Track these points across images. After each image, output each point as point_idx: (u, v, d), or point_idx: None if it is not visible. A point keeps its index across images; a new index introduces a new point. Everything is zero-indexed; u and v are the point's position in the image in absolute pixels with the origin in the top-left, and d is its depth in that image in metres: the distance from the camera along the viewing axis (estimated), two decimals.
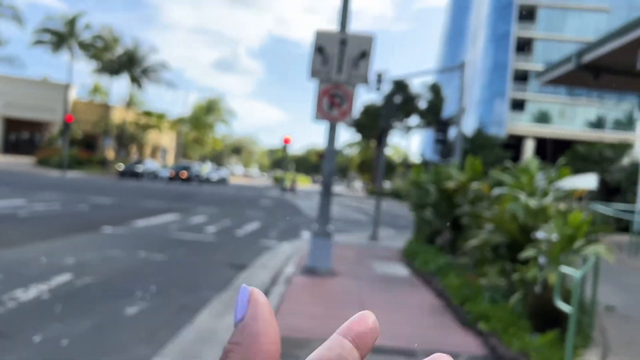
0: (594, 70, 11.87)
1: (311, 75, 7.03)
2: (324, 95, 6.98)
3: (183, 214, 15.09)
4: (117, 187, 26.41)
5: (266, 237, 11.98)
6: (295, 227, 15.07)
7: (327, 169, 7.05)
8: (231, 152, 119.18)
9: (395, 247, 11.41)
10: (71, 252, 7.21)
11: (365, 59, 6.91)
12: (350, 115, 7.02)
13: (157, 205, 17.54)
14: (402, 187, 9.69)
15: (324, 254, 6.77)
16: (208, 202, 21.17)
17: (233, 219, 15.20)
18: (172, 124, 62.91)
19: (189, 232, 11.09)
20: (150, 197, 21.18)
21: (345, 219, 20.35)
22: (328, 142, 7.09)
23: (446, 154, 16.84)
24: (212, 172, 50.49)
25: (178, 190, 28.05)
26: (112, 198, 18.39)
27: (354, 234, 15.22)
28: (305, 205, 25.88)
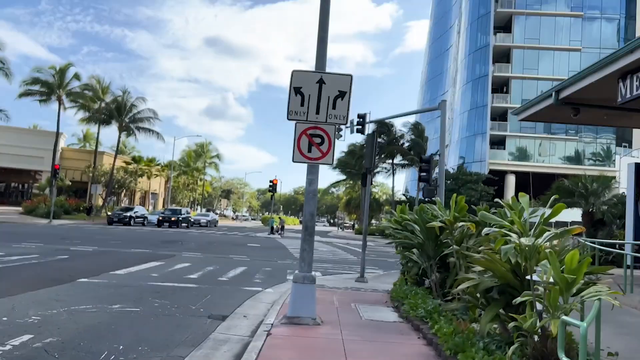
0: (573, 105, 12.00)
1: (288, 117, 6.89)
2: (303, 136, 6.82)
3: (167, 261, 14.60)
4: (103, 234, 25.73)
5: (251, 282, 11.55)
6: (282, 270, 14.64)
7: (308, 211, 6.80)
8: (221, 196, 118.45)
9: (382, 288, 11.06)
10: (36, 308, 6.75)
11: (344, 99, 6.81)
12: (330, 156, 6.84)
13: (142, 252, 17.01)
14: (386, 227, 9.27)
15: (306, 301, 6.42)
16: (194, 247, 20.64)
17: (218, 264, 14.74)
18: (162, 170, 62.56)
19: (170, 280, 10.63)
20: (136, 243, 20.61)
21: (332, 260, 19.93)
22: (308, 183, 6.87)
23: (430, 192, 16.73)
24: (200, 216, 49.93)
25: (165, 236, 27.43)
26: (96, 246, 17.81)
27: (341, 275, 14.84)
28: (293, 247, 25.41)
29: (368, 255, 23.73)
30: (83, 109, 44.99)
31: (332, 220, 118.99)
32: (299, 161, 6.80)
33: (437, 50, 76.93)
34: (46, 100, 42.83)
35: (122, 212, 39.30)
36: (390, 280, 13.04)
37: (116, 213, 38.96)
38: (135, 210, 40.80)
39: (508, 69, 54.84)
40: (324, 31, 6.99)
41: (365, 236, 14.35)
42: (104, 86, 47.23)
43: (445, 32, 74.34)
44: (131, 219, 38.29)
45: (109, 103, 46.04)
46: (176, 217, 39.78)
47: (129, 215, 38.51)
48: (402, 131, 50.46)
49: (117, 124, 45.94)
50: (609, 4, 53.92)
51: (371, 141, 14.12)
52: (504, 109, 54.69)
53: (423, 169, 17.24)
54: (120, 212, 39.06)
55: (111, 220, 37.56)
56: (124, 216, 38.07)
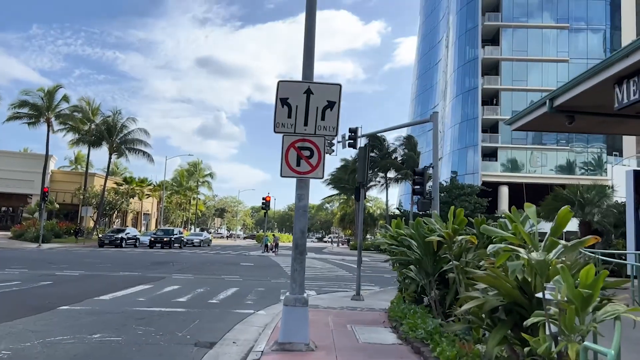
0: (567, 113, 11.79)
1: (275, 130, 6.57)
2: (291, 150, 6.49)
3: (155, 284, 14.09)
4: (92, 257, 25.11)
5: (242, 304, 11.09)
6: (275, 290, 14.17)
7: (298, 228, 6.43)
8: (215, 215, 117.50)
9: (379, 306, 10.65)
10: (9, 341, 6.28)
11: (333, 109, 6.50)
12: (321, 170, 6.50)
13: (131, 275, 16.49)
14: (382, 243, 8.80)
15: (298, 325, 6.02)
16: (185, 268, 20.10)
17: (209, 286, 14.25)
18: (154, 190, 61.89)
19: (157, 304, 10.16)
20: (126, 266, 20.06)
21: (327, 277, 19.48)
22: (298, 198, 6.52)
23: (425, 205, 16.42)
24: (193, 236, 49.32)
25: (157, 257, 26.84)
26: (83, 270, 17.27)
27: (336, 294, 14.39)
28: (287, 265, 24.92)
29: (364, 272, 23.23)
30: (72, 131, 44.52)
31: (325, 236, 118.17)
32: (288, 176, 6.46)
33: (426, 65, 77.49)
34: (35, 122, 42.35)
35: (113, 234, 38.62)
36: (387, 297, 12.63)
37: (107, 235, 38.28)
38: (126, 231, 40.13)
39: (497, 81, 55.18)
40: (310, 40, 6.72)
41: (360, 252, 13.96)
42: (94, 107, 46.94)
43: (433, 46, 74.97)
44: (122, 240, 37.61)
45: (99, 124, 45.64)
46: (168, 238, 39.18)
47: (120, 237, 37.84)
48: (395, 145, 50.43)
49: (108, 145, 45.43)
50: (594, 15, 54.65)
51: (363, 155, 13.82)
52: (494, 121, 54.87)
53: (417, 181, 16.96)
54: (112, 234, 38.38)
55: (102, 242, 36.85)
56: (115, 238, 37.39)
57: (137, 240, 40.04)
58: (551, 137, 54.55)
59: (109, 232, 40.39)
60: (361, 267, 13.68)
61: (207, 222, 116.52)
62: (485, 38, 55.89)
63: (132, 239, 39.45)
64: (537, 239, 3.58)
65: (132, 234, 40.28)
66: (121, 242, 37.16)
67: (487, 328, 4.59)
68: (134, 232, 42.30)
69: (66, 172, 54.34)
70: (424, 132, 73.57)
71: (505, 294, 4.28)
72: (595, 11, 54.86)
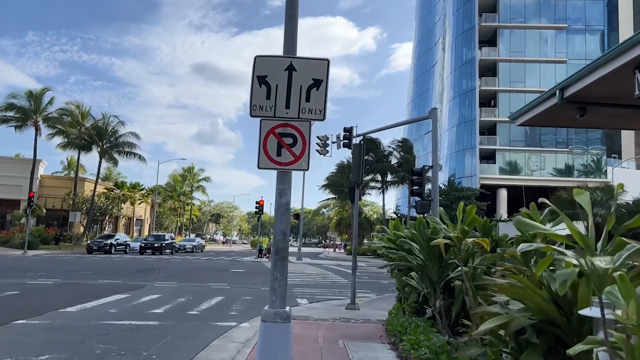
0: (579, 105, 10.88)
1: (252, 113, 5.61)
2: (270, 137, 5.51)
3: (134, 293, 13.07)
4: (76, 264, 24.02)
5: (225, 316, 10.10)
6: (264, 299, 13.14)
7: (279, 229, 5.44)
8: (210, 220, 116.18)
9: (376, 317, 9.68)
10: None
11: (320, 89, 5.53)
12: (305, 160, 5.51)
13: (111, 283, 15.45)
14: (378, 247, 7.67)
15: (279, 345, 5.02)
16: (171, 275, 19.06)
17: (192, 295, 13.22)
18: (147, 195, 60.69)
19: (129, 317, 9.15)
20: (109, 273, 19.01)
21: (321, 284, 18.48)
22: (278, 194, 5.53)
23: (424, 207, 15.47)
24: (186, 242, 48.24)
25: (144, 264, 25.75)
26: (60, 278, 16.21)
27: (330, 302, 13.40)
28: None
29: (360, 277, 22.22)
30: (61, 135, 43.42)
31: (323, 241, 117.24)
32: (267, 167, 5.48)
33: (422, 68, 76.82)
34: (22, 126, 41.26)
35: (102, 240, 37.45)
36: (384, 305, 11.66)
37: (96, 241, 37.10)
38: (116, 237, 38.89)
39: (495, 82, 54.43)
40: (292, 9, 5.75)
41: (355, 257, 12.98)
42: (84, 111, 45.86)
43: (429, 49, 74.32)
44: (112, 246, 36.46)
45: (89, 128, 44.56)
46: (159, 244, 38.09)
47: (110, 242, 36.68)
48: (391, 148, 49.52)
49: (98, 149, 44.35)
50: (592, 15, 54.07)
51: (358, 153, 12.87)
52: (492, 123, 54.09)
53: (415, 182, 16.01)
54: (100, 240, 37.20)
55: (90, 248, 35.68)
56: (104, 244, 36.21)
57: (127, 246, 38.88)
58: (550, 139, 53.82)
59: (97, 238, 39.18)
60: (357, 272, 12.73)
61: (202, 228, 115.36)
62: (482, 39, 55.19)
63: (121, 245, 38.27)
64: (593, 241, 2.63)
65: (121, 240, 39.14)
66: (110, 248, 36.01)
67: (511, 353, 3.62)
68: (124, 237, 41.16)
69: (56, 177, 53.02)
70: (420, 135, 72.86)
71: (537, 310, 3.32)
72: (593, 12, 54.28)
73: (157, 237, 40.44)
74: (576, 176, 52.82)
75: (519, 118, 13.29)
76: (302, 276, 21.62)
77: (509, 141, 54.10)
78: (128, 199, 52.11)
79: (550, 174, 53.68)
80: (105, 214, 48.52)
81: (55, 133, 43.15)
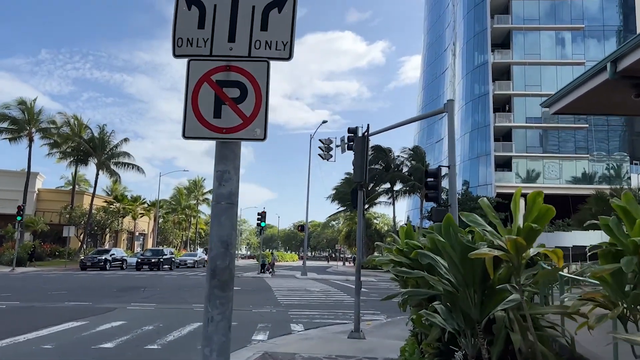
0: (637, 81, 8.69)
1: (175, 52, 3.53)
2: (204, 86, 3.37)
3: (95, 319, 10.96)
4: (57, 282, 22.05)
5: (193, 350, 7.94)
6: (249, 325, 10.96)
7: (218, 236, 3.26)
8: None
9: (386, 352, 7.48)
10: None
11: (283, 11, 3.40)
12: (261, 122, 3.32)
13: (76, 305, 13.37)
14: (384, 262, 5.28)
15: None
16: (153, 295, 16.93)
17: (165, 320, 11.08)
18: (149, 209, 58.82)
19: (64, 356, 7.02)
20: (84, 293, 16.95)
21: (323, 303, 16.22)
22: (217, 180, 3.35)
23: (441, 214, 13.22)
24: (187, 257, 46.02)
25: (132, 281, 23.65)
26: (20, 301, 14.13)
27: (330, 328, 11.20)
28: (280, 289, 21.71)
29: (368, 295, 19.83)
30: (56, 147, 41.79)
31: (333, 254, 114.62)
32: (196, 136, 3.32)
33: (432, 75, 74.78)
34: (16, 138, 39.69)
35: (96, 255, 35.40)
36: (396, 332, 9.46)
37: (89, 257, 35.05)
38: (111, 252, 36.77)
39: (509, 86, 52.09)
40: None
41: (359, 272, 10.77)
42: (81, 123, 44.25)
43: (439, 55, 72.38)
44: (106, 262, 34.40)
45: (86, 140, 42.85)
46: (156, 259, 35.97)
47: (104, 258, 34.62)
48: (402, 157, 47.28)
49: (95, 162, 42.64)
50: (609, 15, 51.74)
51: (361, 148, 10.74)
52: (507, 129, 51.65)
53: (430, 185, 13.80)
54: (94, 256, 35.13)
55: (84, 265, 33.64)
56: (98, 260, 34.15)
57: (123, 262, 36.84)
58: (569, 145, 51.27)
59: (91, 253, 37.01)
60: (365, 288, 10.52)
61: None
62: (494, 42, 53.03)
63: (117, 260, 36.20)
64: None
65: (117, 255, 37.03)
66: (105, 264, 33.93)
67: None
68: (120, 253, 38.87)
69: (54, 191, 51.34)
70: (431, 144, 70.56)
71: None
72: (610, 12, 51.97)
73: (155, 252, 38.34)
74: (597, 183, 50.03)
75: (555, 104, 11.06)
76: (304, 294, 19.37)
77: (526, 147, 51.58)
78: (129, 213, 50.19)
79: (569, 181, 50.98)
80: (104, 229, 46.61)
81: (52, 145, 41.49)
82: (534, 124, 51.37)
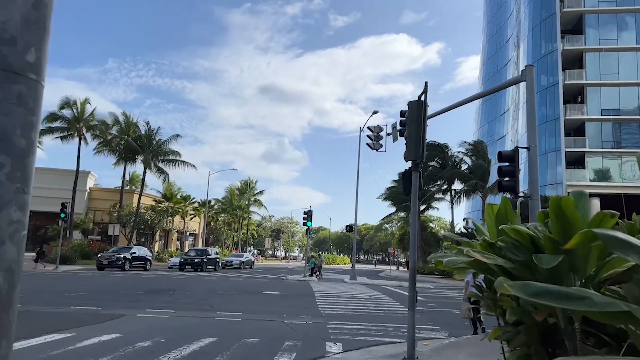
0: None
1: None
2: None
3: (87, 329, 9.04)
4: (88, 282, 20.83)
5: None
6: (275, 342, 8.63)
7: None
8: (271, 236, 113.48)
9: None
10: None
11: None
12: None
13: (85, 310, 11.61)
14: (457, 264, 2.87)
15: None
16: (176, 301, 14.94)
17: (171, 333, 8.97)
18: (199, 208, 58.29)
19: None
20: (109, 295, 15.43)
21: (372, 314, 13.68)
22: None
23: (523, 206, 10.40)
24: (233, 257, 44.54)
25: (167, 282, 22.04)
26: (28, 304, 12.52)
27: (377, 349, 8.71)
28: (324, 294, 19.33)
29: (425, 305, 17.03)
30: (105, 145, 41.60)
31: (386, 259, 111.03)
32: None
33: (493, 69, 70.00)
34: (67, 137, 39.79)
35: (114, 254, 31.31)
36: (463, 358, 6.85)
37: (107, 255, 31.00)
38: (132, 251, 32.62)
39: (581, 75, 47.10)
40: None
41: (414, 281, 8.14)
42: (130, 121, 43.92)
43: (500, 47, 67.66)
44: (126, 261, 30.67)
45: (134, 138, 42.36)
46: (200, 259, 34.30)
47: (122, 256, 30.72)
48: (461, 153, 43.61)
49: (141, 158, 42.06)
50: None
51: (416, 114, 8.15)
52: (579, 122, 46.70)
53: (505, 171, 10.96)
54: (113, 254, 31.07)
55: (100, 264, 29.91)
56: (116, 259, 30.32)
57: (147, 261, 33.40)
58: None
59: (111, 251, 32.93)
60: (422, 297, 7.95)
61: (263, 244, 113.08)
62: (564, 29, 48.21)
63: (139, 259, 32.51)
64: None
65: (140, 254, 33.12)
66: (123, 263, 30.47)
67: None
68: (143, 251, 34.58)
69: (106, 190, 51.61)
70: (493, 141, 65.82)
71: None
72: None
73: (199, 252, 36.51)
74: None
75: None
76: (350, 302, 16.86)
77: (601, 142, 46.41)
78: (178, 212, 49.54)
79: None
80: (153, 228, 46.08)
81: (100, 143, 41.32)
82: (611, 116, 46.13)
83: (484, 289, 3.72)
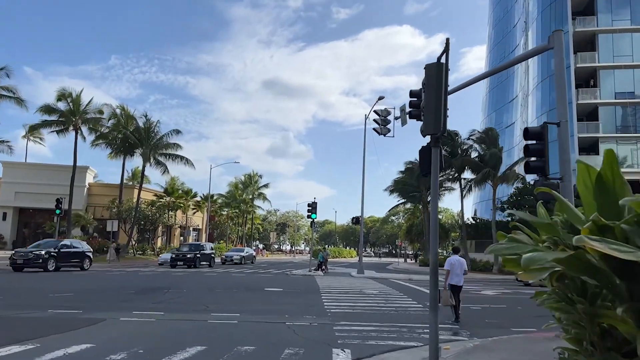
0: None
1: None
2: None
3: (55, 339, 7.80)
4: (78, 281, 19.70)
5: None
6: (274, 351, 7.38)
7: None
8: (276, 230, 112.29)
9: None
10: None
11: None
12: None
13: (62, 314, 10.40)
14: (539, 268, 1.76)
15: None
16: (168, 300, 13.71)
17: (155, 341, 7.75)
18: (202, 203, 57.09)
19: None
20: (97, 295, 14.29)
21: (383, 312, 12.42)
22: None
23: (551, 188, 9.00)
24: (234, 252, 43.22)
25: (161, 280, 20.82)
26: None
27: (392, 356, 7.48)
28: (329, 290, 18.07)
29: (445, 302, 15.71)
30: (102, 139, 40.41)
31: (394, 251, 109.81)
32: None
33: (500, 56, 68.08)
34: (63, 130, 38.63)
35: (32, 249, 24.54)
36: None
37: (21, 252, 24.27)
38: (62, 244, 25.78)
39: (594, 58, 45.35)
40: None
41: (436, 277, 6.87)
42: (128, 113, 42.68)
43: (507, 33, 65.83)
44: (50, 259, 24.09)
45: (132, 131, 41.12)
46: (192, 255, 32.05)
47: (45, 253, 23.99)
48: (471, 140, 42.01)
49: (141, 153, 40.85)
50: None
51: (435, 79, 6.85)
52: (592, 106, 45.00)
53: (532, 150, 9.63)
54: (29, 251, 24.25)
55: (15, 264, 23.27)
56: (34, 256, 23.62)
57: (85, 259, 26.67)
58: None
59: (31, 246, 26.13)
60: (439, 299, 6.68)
61: (268, 238, 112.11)
62: (575, 10, 46.42)
63: (72, 256, 25.84)
64: None
65: (72, 249, 26.07)
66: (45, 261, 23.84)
67: None
68: (79, 245, 27.36)
69: (105, 185, 50.42)
70: (502, 128, 64.10)
71: None
72: None
73: (193, 247, 34.38)
74: None
75: None
76: (358, 299, 15.59)
77: (615, 128, 44.76)
78: (179, 207, 48.36)
79: None
80: (154, 223, 44.93)
81: (98, 137, 40.13)
82: (626, 99, 44.42)
83: (573, 299, 2.43)
